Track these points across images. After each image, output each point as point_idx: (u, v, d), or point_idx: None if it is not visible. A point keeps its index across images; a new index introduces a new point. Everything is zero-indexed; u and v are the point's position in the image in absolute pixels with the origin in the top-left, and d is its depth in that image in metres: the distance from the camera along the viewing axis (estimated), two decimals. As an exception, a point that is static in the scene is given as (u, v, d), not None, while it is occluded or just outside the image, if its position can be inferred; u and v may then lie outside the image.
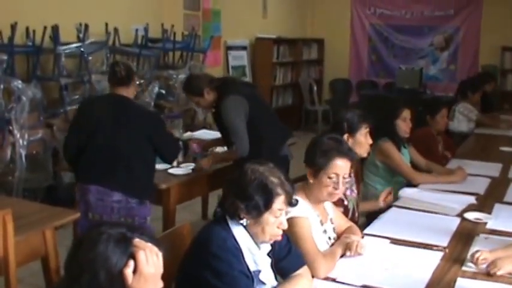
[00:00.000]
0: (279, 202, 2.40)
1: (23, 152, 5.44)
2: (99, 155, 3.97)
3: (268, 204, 2.38)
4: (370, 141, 3.91)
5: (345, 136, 3.72)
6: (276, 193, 2.39)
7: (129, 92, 4.16)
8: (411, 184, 4.46)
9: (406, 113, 4.72)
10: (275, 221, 2.42)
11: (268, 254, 2.52)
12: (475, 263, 2.81)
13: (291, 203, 2.47)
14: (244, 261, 2.39)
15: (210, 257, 2.32)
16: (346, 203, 3.63)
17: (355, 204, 3.82)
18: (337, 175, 2.93)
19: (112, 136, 3.96)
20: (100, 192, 3.94)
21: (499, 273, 2.74)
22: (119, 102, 4.09)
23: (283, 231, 2.48)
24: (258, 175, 2.41)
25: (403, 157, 4.71)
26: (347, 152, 3.02)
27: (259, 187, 2.38)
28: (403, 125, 4.70)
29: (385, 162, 4.63)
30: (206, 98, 4.69)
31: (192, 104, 7.47)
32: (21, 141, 5.42)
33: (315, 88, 11.58)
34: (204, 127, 7.19)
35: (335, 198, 3.08)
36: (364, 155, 3.98)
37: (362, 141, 3.85)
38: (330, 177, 2.93)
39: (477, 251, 2.86)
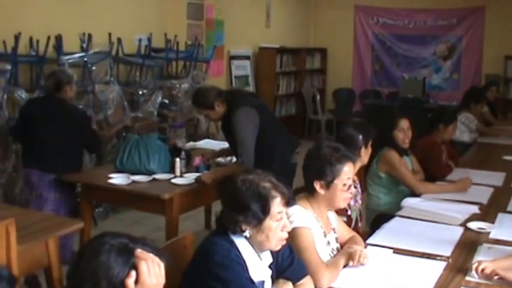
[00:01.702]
0: (276, 205, 2.41)
1: (26, 162, 5.45)
2: (39, 146, 4.93)
3: (265, 210, 2.39)
4: (370, 150, 3.94)
5: (362, 150, 3.78)
6: (271, 196, 2.40)
7: (65, 95, 5.11)
8: (414, 194, 4.45)
9: (404, 123, 4.72)
10: (277, 225, 2.42)
11: (269, 266, 2.52)
12: (477, 274, 2.81)
13: (290, 203, 2.48)
14: (248, 273, 2.39)
15: (214, 267, 2.32)
16: (349, 212, 3.64)
17: (358, 214, 3.82)
18: (349, 179, 2.99)
19: (46, 131, 4.93)
20: (42, 174, 4.92)
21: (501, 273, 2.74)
22: (53, 103, 5.06)
23: (286, 241, 2.48)
24: (249, 184, 2.42)
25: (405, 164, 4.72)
26: (350, 156, 3.10)
27: (253, 195, 2.39)
28: (401, 135, 4.70)
29: (389, 171, 4.62)
30: (217, 111, 4.73)
31: (194, 114, 7.52)
32: (24, 150, 5.42)
33: (318, 97, 11.57)
34: (207, 137, 7.20)
35: (348, 202, 3.12)
36: (365, 162, 4.00)
37: (368, 152, 3.89)
38: (344, 184, 2.96)
39: (479, 262, 2.85)
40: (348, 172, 2.98)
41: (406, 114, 4.93)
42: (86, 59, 6.25)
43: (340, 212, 3.36)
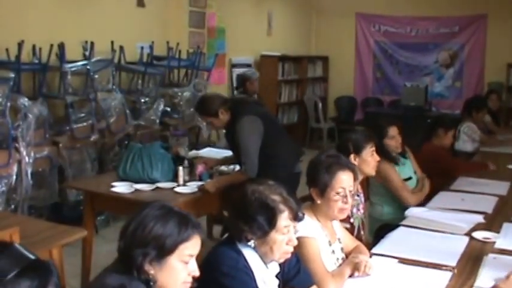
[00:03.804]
0: (283, 219, 2.40)
1: (29, 169, 5.43)
2: None
3: (272, 223, 2.38)
4: (378, 158, 3.94)
5: (351, 156, 3.75)
6: (278, 210, 2.39)
7: (247, 90, 7.47)
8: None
9: (393, 131, 4.71)
10: (283, 238, 2.41)
11: (276, 276, 2.51)
12: None
13: (297, 217, 2.45)
14: (255, 283, 2.38)
15: (221, 276, 2.32)
16: (351, 220, 3.62)
17: (361, 223, 3.81)
18: (344, 189, 2.95)
19: None
20: None
21: None
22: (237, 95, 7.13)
23: (294, 251, 2.47)
24: (258, 195, 2.41)
25: (401, 174, 4.71)
26: (347, 165, 3.06)
27: (261, 207, 2.38)
28: (392, 142, 4.70)
29: (382, 182, 4.60)
30: (221, 119, 4.73)
31: (196, 122, 7.53)
32: (27, 158, 5.42)
33: (320, 105, 11.57)
34: (209, 145, 7.19)
35: (345, 214, 3.07)
36: (372, 173, 4.00)
37: (368, 160, 3.89)
38: (337, 193, 2.93)
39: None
40: (342, 181, 2.95)
41: (395, 120, 4.94)
42: (88, 67, 6.24)
43: (343, 219, 3.35)
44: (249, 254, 2.41)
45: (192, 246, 2.03)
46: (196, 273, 2.06)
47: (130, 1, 7.56)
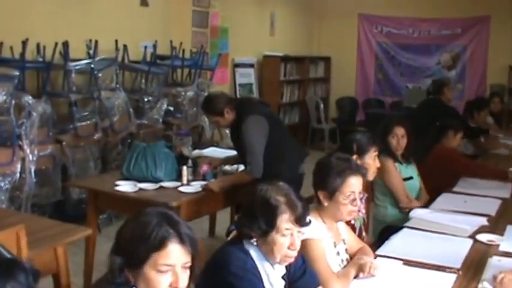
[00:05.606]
0: (284, 220, 2.39)
1: (32, 167, 5.44)
2: None
3: (271, 223, 2.37)
4: (378, 165, 3.96)
5: (354, 157, 3.75)
6: (279, 211, 2.38)
7: (443, 96, 7.32)
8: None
9: (399, 130, 4.72)
10: (284, 241, 2.40)
11: (282, 277, 2.51)
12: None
13: (301, 222, 2.44)
14: (263, 284, 2.38)
15: (230, 277, 2.32)
16: (352, 222, 3.62)
17: (362, 224, 3.81)
18: (353, 192, 2.96)
19: None
20: None
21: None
22: (430, 101, 7.41)
23: (299, 252, 2.47)
24: (263, 193, 2.42)
25: (402, 173, 4.73)
26: (358, 169, 3.06)
27: (263, 205, 2.39)
28: (394, 141, 4.71)
29: (381, 177, 4.60)
30: (226, 118, 4.75)
31: (199, 121, 7.53)
32: (30, 156, 5.42)
33: (322, 106, 11.57)
34: (212, 144, 7.19)
35: (354, 215, 3.09)
36: (371, 178, 4.01)
37: (370, 164, 3.91)
38: (347, 196, 2.94)
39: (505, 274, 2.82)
40: (351, 185, 2.96)
41: (404, 121, 4.94)
42: (92, 66, 6.24)
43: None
44: (256, 255, 2.41)
45: (167, 256, 1.89)
46: (180, 285, 1.91)
47: (134, 0, 7.57)
